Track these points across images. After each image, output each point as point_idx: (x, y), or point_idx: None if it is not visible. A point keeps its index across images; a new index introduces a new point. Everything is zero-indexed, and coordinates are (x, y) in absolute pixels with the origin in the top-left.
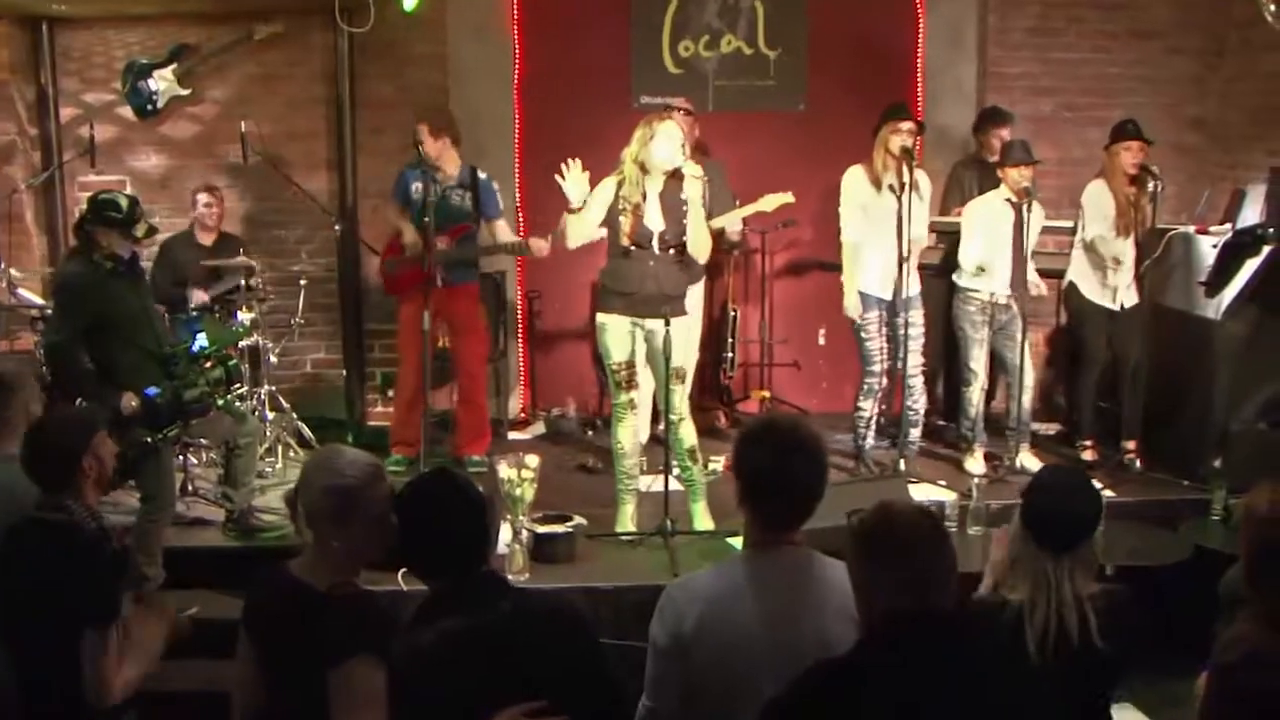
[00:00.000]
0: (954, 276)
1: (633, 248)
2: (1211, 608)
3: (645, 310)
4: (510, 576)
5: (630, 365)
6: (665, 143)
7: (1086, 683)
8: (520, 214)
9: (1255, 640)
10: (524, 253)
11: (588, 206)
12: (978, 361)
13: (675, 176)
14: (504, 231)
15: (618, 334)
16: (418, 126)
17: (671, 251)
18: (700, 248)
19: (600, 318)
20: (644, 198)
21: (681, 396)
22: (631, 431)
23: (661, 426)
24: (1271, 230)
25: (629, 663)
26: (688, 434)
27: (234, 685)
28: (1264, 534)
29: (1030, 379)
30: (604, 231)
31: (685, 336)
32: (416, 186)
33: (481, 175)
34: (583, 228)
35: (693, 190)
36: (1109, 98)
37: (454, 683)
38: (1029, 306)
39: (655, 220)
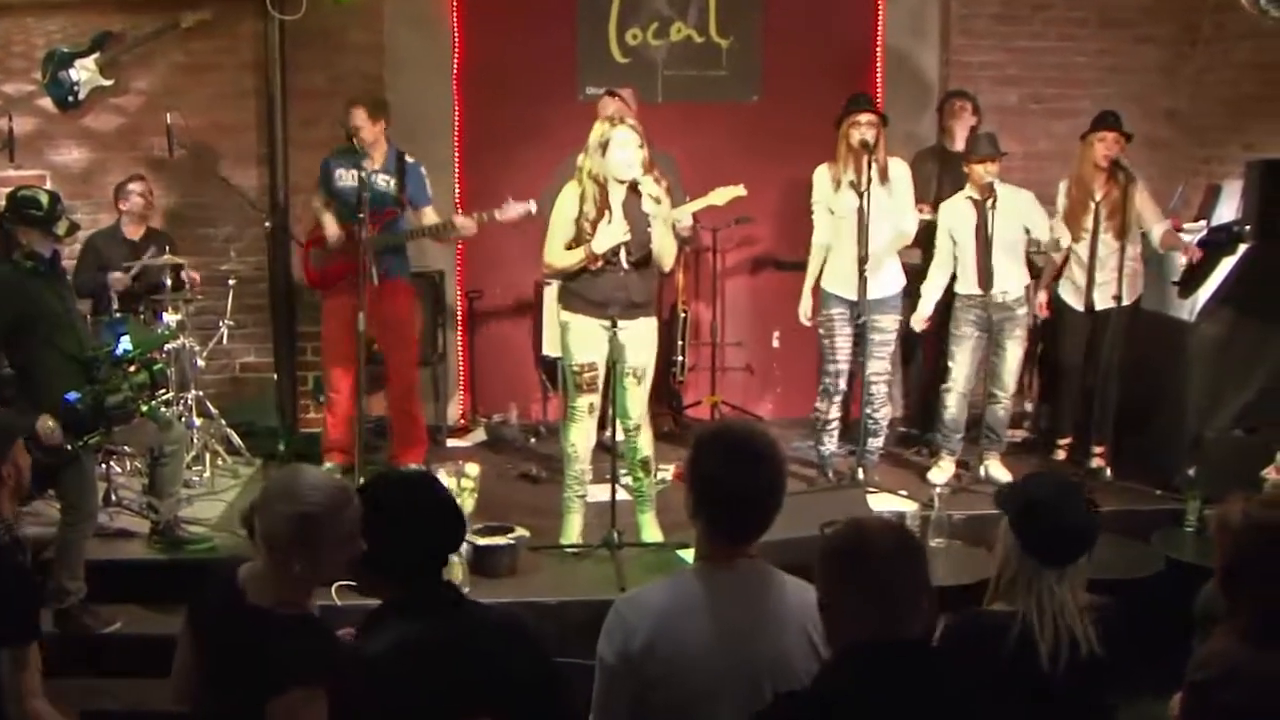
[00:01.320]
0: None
1: (601, 264)
2: (1185, 623)
3: (612, 313)
4: None
5: (594, 367)
6: (620, 152)
7: (1094, 693)
8: (459, 210)
9: (1232, 656)
10: (450, 233)
11: (553, 232)
12: (956, 363)
13: (634, 190)
14: (431, 218)
15: (583, 334)
16: (353, 110)
17: (637, 265)
18: (666, 260)
19: (564, 316)
20: (606, 210)
21: (638, 400)
22: (586, 433)
23: (609, 433)
24: (1248, 227)
25: (574, 681)
26: (644, 443)
27: (175, 669)
28: (1239, 546)
29: (1011, 390)
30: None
31: (646, 336)
32: (340, 174)
33: (409, 160)
34: (567, 256)
35: (655, 209)
36: (1077, 88)
37: (404, 694)
38: (1004, 310)
39: (619, 231)
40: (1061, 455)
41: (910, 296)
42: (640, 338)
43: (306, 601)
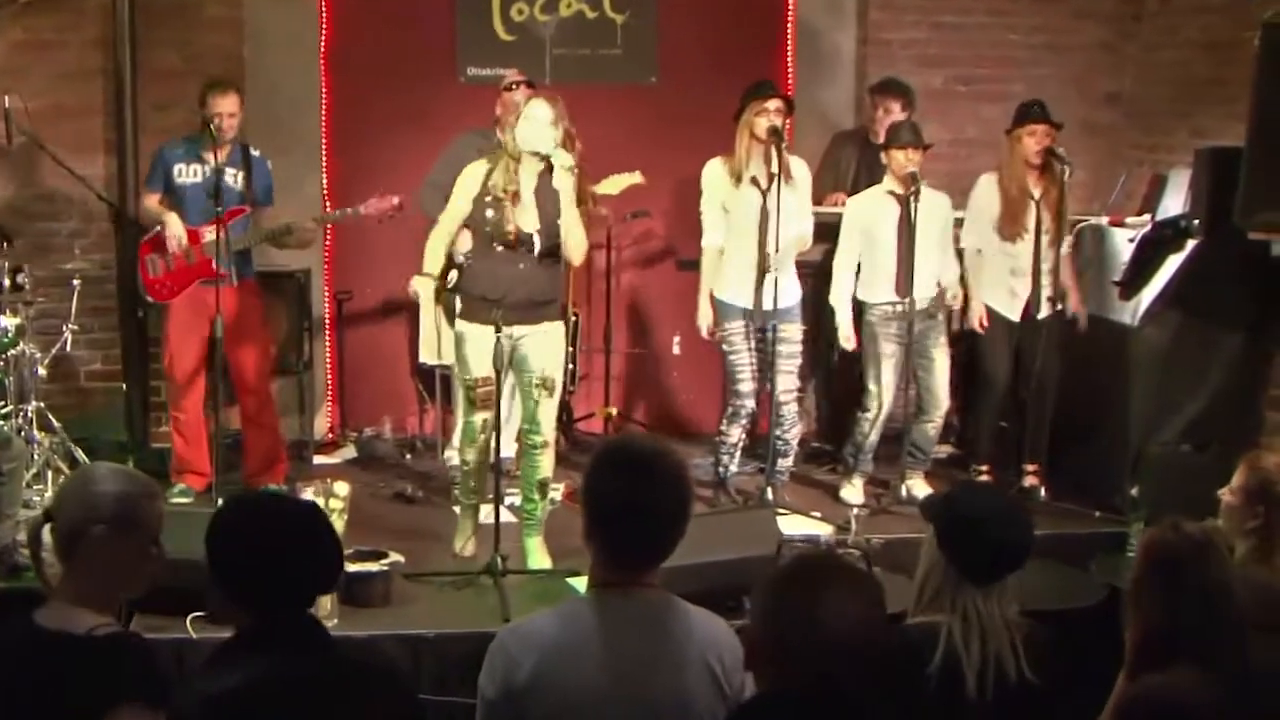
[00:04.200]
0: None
1: (501, 248)
2: None
3: (513, 317)
4: None
5: (489, 382)
6: (527, 126)
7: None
8: (327, 199)
9: (1180, 692)
10: (288, 236)
11: (453, 199)
12: (878, 382)
13: (549, 168)
14: (270, 219)
15: (480, 345)
16: (225, 96)
17: (546, 255)
18: (575, 249)
19: (460, 325)
20: (517, 192)
21: (549, 414)
22: (480, 450)
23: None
24: (1196, 222)
25: None
26: (546, 464)
27: None
28: (1136, 565)
29: (945, 406)
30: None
31: (552, 342)
32: (182, 169)
33: (255, 152)
34: (447, 234)
35: (563, 182)
36: (1009, 69)
37: None
38: (927, 318)
39: (529, 218)
40: (985, 479)
41: (809, 302)
42: (546, 345)
43: (112, 619)
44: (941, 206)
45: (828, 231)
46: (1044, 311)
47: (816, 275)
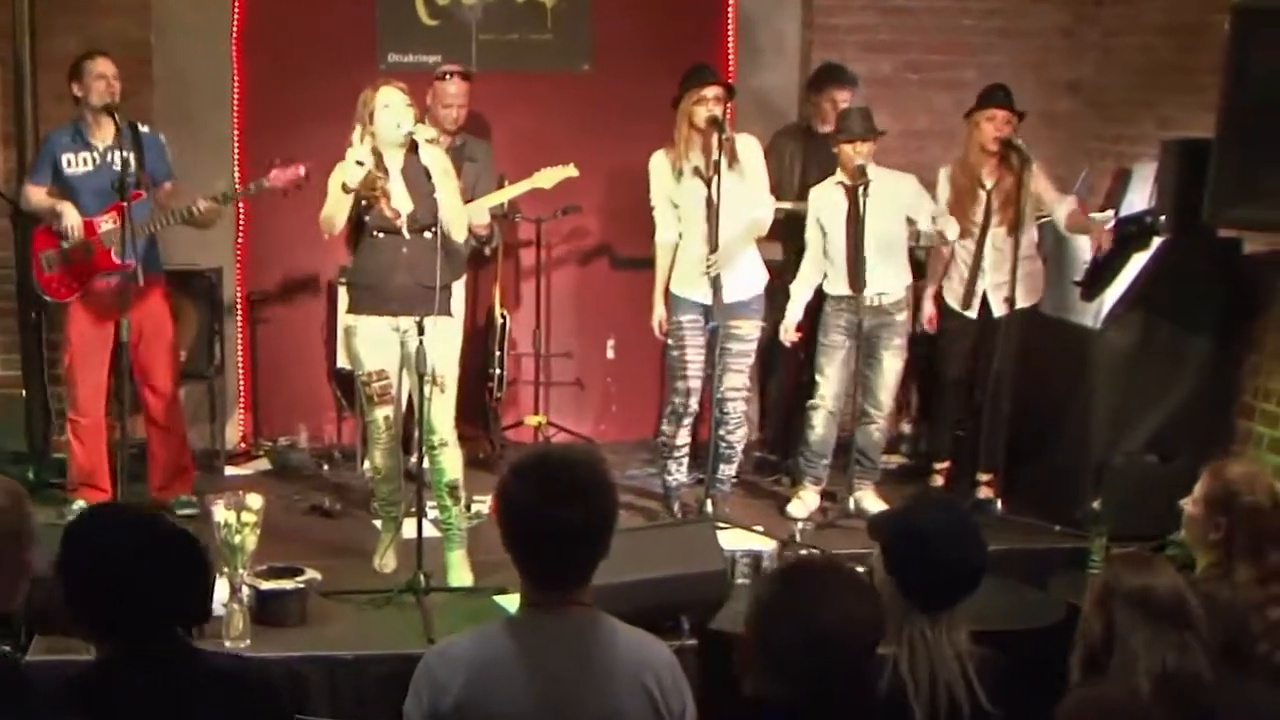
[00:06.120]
0: None
1: (378, 234)
2: None
3: (399, 307)
4: (228, 643)
5: (384, 375)
6: (387, 115)
7: None
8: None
9: (1116, 698)
10: (192, 219)
11: (333, 189)
12: (825, 376)
13: (412, 148)
14: (172, 198)
15: (370, 338)
16: (98, 61)
17: (426, 234)
18: (454, 223)
19: (348, 320)
20: (385, 189)
21: (444, 412)
22: (389, 452)
23: (414, 459)
24: (1162, 218)
25: None
26: (450, 464)
27: None
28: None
29: (887, 409)
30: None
31: (443, 335)
32: (69, 159)
33: (144, 129)
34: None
35: (431, 155)
36: (962, 55)
37: None
38: (883, 315)
39: (402, 200)
40: (939, 482)
41: (773, 297)
42: (436, 338)
43: None
44: (904, 194)
45: (788, 226)
46: (999, 310)
47: (773, 273)
